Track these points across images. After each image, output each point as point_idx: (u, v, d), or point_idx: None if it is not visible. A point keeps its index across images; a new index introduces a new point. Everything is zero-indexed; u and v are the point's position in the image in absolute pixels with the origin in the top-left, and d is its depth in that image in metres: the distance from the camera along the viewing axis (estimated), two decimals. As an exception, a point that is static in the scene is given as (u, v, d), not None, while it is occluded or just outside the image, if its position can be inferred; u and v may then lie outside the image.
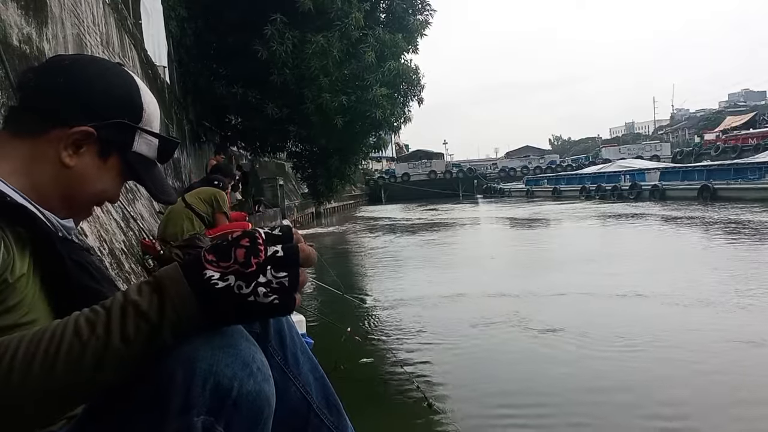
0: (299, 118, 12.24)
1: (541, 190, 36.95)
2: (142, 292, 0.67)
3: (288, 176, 26.82)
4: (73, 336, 0.64)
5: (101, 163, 0.92)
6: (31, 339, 0.65)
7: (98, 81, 0.92)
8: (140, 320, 0.66)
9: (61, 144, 0.88)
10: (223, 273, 0.68)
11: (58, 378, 0.64)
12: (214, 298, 0.67)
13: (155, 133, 0.98)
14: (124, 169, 0.96)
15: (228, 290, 0.67)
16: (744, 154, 33.12)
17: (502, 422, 3.46)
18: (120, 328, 0.65)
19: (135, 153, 0.95)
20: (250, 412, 0.73)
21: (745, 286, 6.45)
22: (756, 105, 67.62)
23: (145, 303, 0.66)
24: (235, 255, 0.68)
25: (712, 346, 4.51)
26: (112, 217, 4.60)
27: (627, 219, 16.94)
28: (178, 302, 0.67)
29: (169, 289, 0.67)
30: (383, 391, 4.06)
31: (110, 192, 0.97)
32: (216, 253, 0.69)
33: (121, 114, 0.92)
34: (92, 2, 5.80)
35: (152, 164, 1.00)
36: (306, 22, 11.21)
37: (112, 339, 0.65)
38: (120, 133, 0.93)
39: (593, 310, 5.93)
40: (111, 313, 0.66)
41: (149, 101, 0.98)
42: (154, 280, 0.69)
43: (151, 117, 0.98)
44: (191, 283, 0.67)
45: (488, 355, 4.70)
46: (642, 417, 3.32)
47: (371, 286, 8.42)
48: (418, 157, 54.58)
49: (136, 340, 0.65)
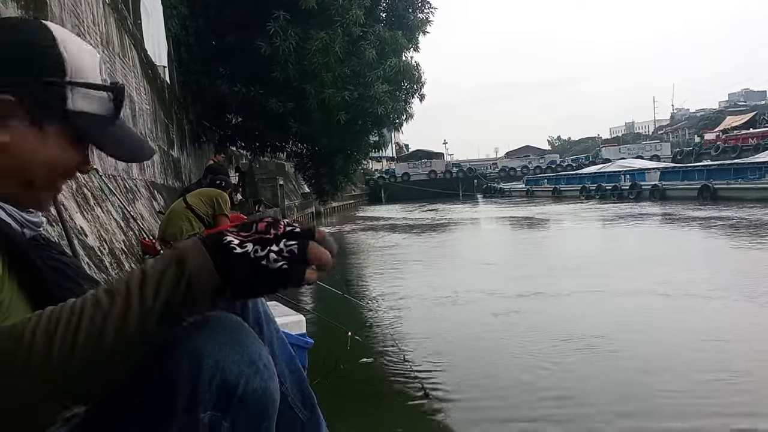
0: (301, 114, 12.25)
1: (541, 189, 36.93)
2: (162, 258, 0.68)
3: (288, 176, 26.82)
4: (93, 306, 0.63)
5: (37, 131, 0.82)
6: (50, 316, 0.63)
7: (7, 45, 0.82)
8: (159, 284, 0.65)
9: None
10: (243, 240, 0.69)
11: (79, 352, 0.62)
12: (231, 262, 0.67)
13: (94, 85, 0.86)
14: (69, 133, 0.85)
15: (245, 255, 0.68)
16: (744, 154, 33.08)
17: (503, 422, 3.46)
18: (139, 293, 0.64)
19: (75, 112, 0.84)
20: (256, 409, 0.74)
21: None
22: (756, 105, 67.61)
23: (165, 267, 0.66)
24: (257, 227, 0.70)
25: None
26: (112, 217, 4.61)
27: (642, 220, 16.92)
28: (198, 265, 0.67)
29: (188, 254, 0.67)
30: (383, 391, 4.05)
31: (64, 161, 0.86)
32: (239, 226, 0.72)
33: (40, 72, 0.82)
34: (92, 2, 5.79)
35: (107, 120, 0.88)
36: (307, 18, 11.24)
37: (132, 304, 0.63)
38: (43, 93, 0.82)
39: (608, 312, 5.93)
40: (130, 282, 0.65)
41: (74, 50, 0.85)
42: (173, 249, 0.69)
43: (82, 67, 0.85)
44: (209, 248, 0.68)
45: (489, 354, 4.70)
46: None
47: (371, 286, 8.42)
48: (418, 156, 54.56)
49: (155, 306, 0.64)
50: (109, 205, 4.65)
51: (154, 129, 8.36)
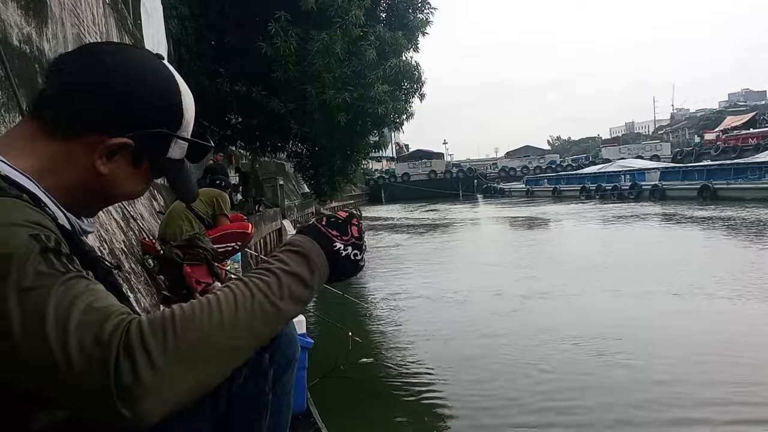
0: (301, 115, 12.25)
1: (541, 190, 36.94)
2: (298, 262, 0.82)
3: (288, 176, 26.83)
4: (264, 297, 0.76)
5: (134, 169, 0.90)
6: (226, 300, 0.74)
7: (141, 85, 0.87)
8: (304, 288, 0.81)
9: (96, 152, 0.85)
10: (345, 244, 0.87)
11: (252, 330, 0.75)
12: (340, 264, 0.87)
13: (189, 139, 0.94)
14: (154, 172, 0.94)
15: (347, 257, 0.87)
16: (744, 154, 33.10)
17: (504, 423, 3.46)
18: (290, 293, 0.78)
19: (171, 159, 0.93)
20: (287, 351, 1.02)
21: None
22: (756, 105, 67.54)
23: (306, 273, 0.81)
24: (351, 231, 0.89)
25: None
26: (112, 217, 4.60)
27: (645, 220, 16.91)
28: (322, 270, 0.84)
29: (315, 259, 0.83)
30: (383, 391, 4.06)
31: (138, 193, 0.96)
32: (337, 228, 0.88)
33: (161, 121, 0.88)
34: (92, 2, 5.80)
35: (182, 164, 0.97)
36: (307, 19, 11.25)
37: (286, 301, 0.78)
38: (157, 142, 0.89)
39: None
40: (282, 280, 0.78)
41: (188, 103, 0.93)
42: (301, 251, 0.83)
43: (189, 122, 0.93)
44: (327, 254, 0.85)
45: (491, 355, 4.69)
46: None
47: (371, 286, 8.42)
48: (418, 156, 54.53)
49: (301, 303, 0.80)
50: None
51: (154, 129, 8.34)
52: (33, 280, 0.67)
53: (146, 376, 0.65)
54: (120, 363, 0.65)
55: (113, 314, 0.69)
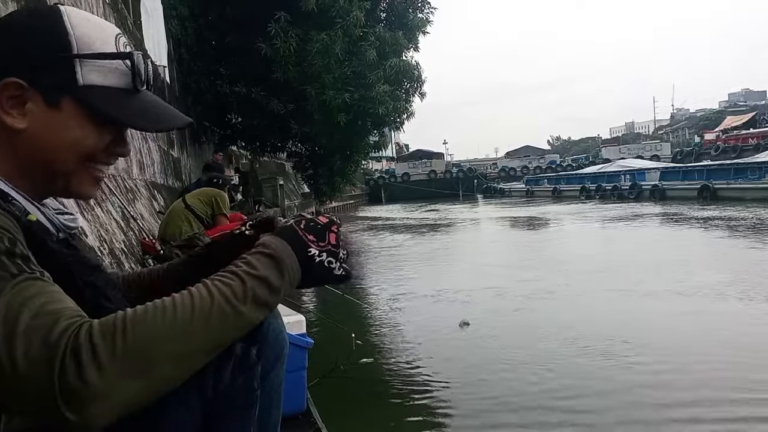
0: (301, 115, 12.26)
1: (541, 190, 36.92)
2: (266, 266, 0.79)
3: (288, 176, 26.82)
4: (224, 301, 0.73)
5: (53, 112, 0.79)
6: (182, 302, 0.72)
7: (12, 28, 0.81)
8: (270, 292, 0.78)
9: (1, 110, 0.78)
10: (320, 250, 0.85)
11: (209, 334, 0.72)
12: (312, 270, 0.85)
13: (103, 54, 0.81)
14: (88, 111, 0.81)
15: (320, 264, 0.85)
16: (744, 154, 33.08)
17: (504, 422, 3.46)
18: (253, 297, 0.76)
19: (88, 87, 0.80)
20: (275, 346, 0.98)
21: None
22: (756, 105, 67.51)
23: (274, 277, 0.79)
24: (329, 238, 0.87)
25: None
26: (112, 217, 4.60)
27: (647, 220, 16.89)
28: (293, 275, 0.82)
29: (286, 262, 0.81)
30: (383, 391, 4.05)
31: (88, 141, 0.82)
32: (314, 233, 0.86)
33: (45, 51, 0.79)
34: (92, 2, 5.80)
35: (128, 94, 0.84)
36: (308, 20, 11.25)
37: (249, 306, 0.75)
38: (51, 70, 0.79)
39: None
40: (246, 284, 0.76)
41: (78, 22, 0.81)
42: (272, 253, 0.80)
43: (89, 38, 0.81)
44: (299, 258, 0.83)
45: (493, 356, 4.67)
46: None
47: (371, 286, 8.42)
48: (418, 156, 54.50)
49: (266, 307, 0.78)
50: (109, 205, 4.65)
51: (154, 129, 8.33)
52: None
53: (92, 377, 0.63)
54: (65, 364, 0.63)
55: (64, 316, 0.66)
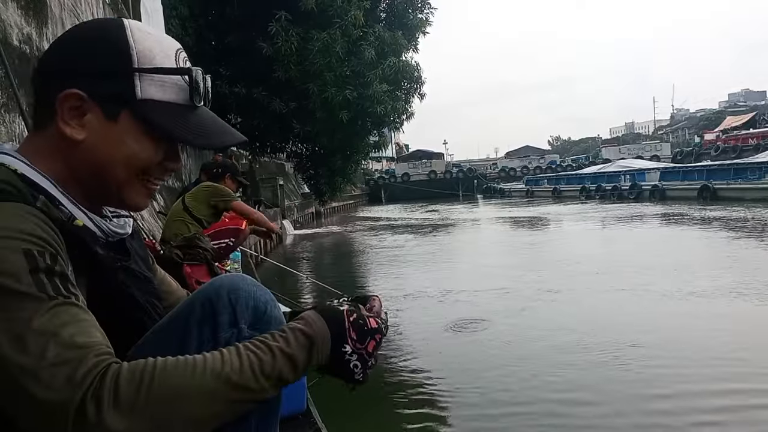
0: (303, 114, 12.27)
1: (541, 190, 36.92)
2: (300, 346, 0.80)
3: (288, 176, 26.82)
4: (251, 374, 0.74)
5: (111, 125, 0.80)
6: (213, 365, 0.72)
7: (75, 41, 0.83)
8: (293, 372, 0.79)
9: (61, 120, 0.79)
10: (354, 352, 0.85)
11: (230, 403, 0.73)
12: (336, 363, 0.84)
13: (162, 69, 0.82)
14: (145, 125, 0.81)
15: (347, 364, 0.85)
16: (744, 154, 33.08)
17: (503, 421, 3.46)
18: (278, 375, 0.77)
19: (146, 101, 0.81)
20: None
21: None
22: (756, 105, 67.55)
23: (302, 359, 0.79)
24: (368, 344, 0.86)
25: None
26: (112, 217, 4.59)
27: (649, 220, 16.87)
28: (318, 360, 0.82)
29: (318, 346, 0.81)
30: (384, 391, 4.05)
31: (143, 154, 0.82)
32: (358, 332, 0.86)
33: (106, 63, 0.80)
34: (92, 2, 5.80)
35: (184, 109, 0.84)
36: (307, 19, 11.27)
37: (272, 383, 0.76)
38: (111, 82, 0.80)
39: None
40: (277, 361, 0.77)
41: (141, 36, 0.82)
42: (310, 334, 0.81)
43: (151, 53, 0.81)
44: (332, 348, 0.83)
45: (494, 357, 4.66)
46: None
47: (372, 286, 8.41)
48: (418, 157, 54.54)
49: (283, 385, 0.79)
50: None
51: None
52: (18, 302, 0.65)
53: (110, 423, 0.64)
54: (86, 404, 0.63)
55: (93, 352, 0.67)
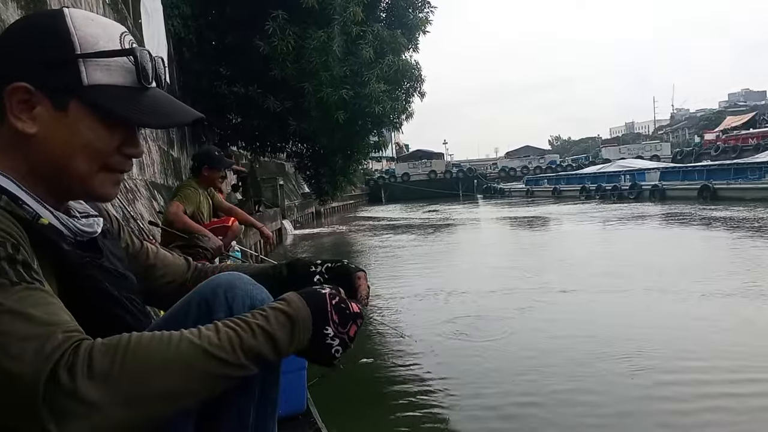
0: (299, 112, 12.27)
1: (541, 190, 36.92)
2: (281, 325, 0.79)
3: (288, 176, 26.83)
4: (230, 350, 0.74)
5: (62, 115, 0.79)
6: (190, 340, 0.72)
7: (16, 34, 0.81)
8: (274, 352, 0.78)
9: (11, 115, 0.78)
10: (336, 335, 0.85)
11: (206, 378, 0.72)
12: (316, 347, 0.84)
13: (105, 52, 0.80)
14: (95, 111, 0.80)
15: (329, 348, 0.84)
16: (744, 154, 33.08)
17: (504, 421, 3.46)
18: (258, 354, 0.76)
19: (93, 86, 0.79)
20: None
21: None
22: (756, 105, 67.52)
23: (283, 339, 0.79)
24: (350, 328, 0.86)
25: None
26: (112, 217, 4.59)
27: (649, 220, 16.86)
28: (299, 342, 0.82)
29: (299, 328, 0.81)
30: (384, 391, 4.05)
31: (98, 144, 0.81)
32: (340, 316, 0.85)
33: (48, 53, 0.78)
34: (92, 2, 5.80)
35: (134, 91, 0.83)
36: (306, 18, 11.28)
37: (251, 360, 0.76)
38: (56, 72, 0.78)
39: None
40: (256, 338, 0.76)
41: (81, 22, 0.80)
42: (291, 315, 0.81)
43: (93, 38, 0.80)
44: (314, 331, 0.83)
45: (494, 356, 4.65)
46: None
47: (372, 286, 8.37)
48: (418, 156, 54.54)
49: (263, 365, 0.78)
50: (108, 206, 4.64)
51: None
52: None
53: (84, 393, 0.63)
54: (59, 376, 0.63)
55: (60, 329, 0.66)
